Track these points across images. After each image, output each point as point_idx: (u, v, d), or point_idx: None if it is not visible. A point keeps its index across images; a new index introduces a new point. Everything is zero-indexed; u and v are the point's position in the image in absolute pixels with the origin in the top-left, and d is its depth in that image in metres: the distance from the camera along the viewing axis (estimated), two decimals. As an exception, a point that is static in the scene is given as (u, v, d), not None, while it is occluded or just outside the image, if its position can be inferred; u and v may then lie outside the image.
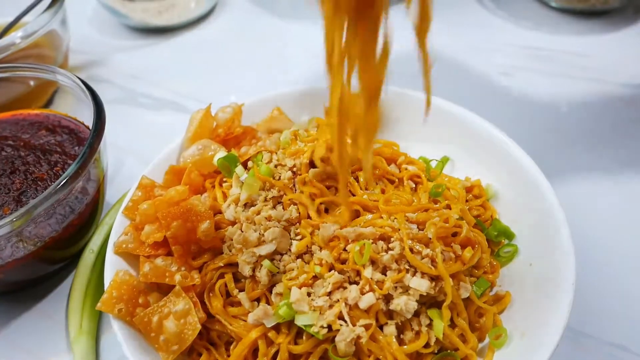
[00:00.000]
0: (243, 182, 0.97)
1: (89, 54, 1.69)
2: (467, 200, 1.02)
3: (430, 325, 0.84)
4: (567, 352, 0.95)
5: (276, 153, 1.02)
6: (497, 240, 1.00)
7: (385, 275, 0.83)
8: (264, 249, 0.87)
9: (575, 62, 1.52)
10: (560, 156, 1.25)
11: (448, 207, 0.95)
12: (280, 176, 0.97)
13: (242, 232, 0.89)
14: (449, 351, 0.86)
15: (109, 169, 1.18)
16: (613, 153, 1.27)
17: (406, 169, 1.05)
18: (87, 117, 1.13)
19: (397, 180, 1.03)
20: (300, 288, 0.83)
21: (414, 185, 1.02)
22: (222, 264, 0.90)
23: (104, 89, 1.52)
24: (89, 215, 1.05)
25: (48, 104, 1.37)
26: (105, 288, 0.89)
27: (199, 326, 0.85)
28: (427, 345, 0.83)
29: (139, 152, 1.35)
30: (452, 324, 0.86)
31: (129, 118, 1.48)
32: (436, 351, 0.85)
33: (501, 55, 1.57)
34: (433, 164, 1.09)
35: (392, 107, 1.18)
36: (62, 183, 0.91)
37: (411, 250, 0.83)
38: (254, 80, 1.56)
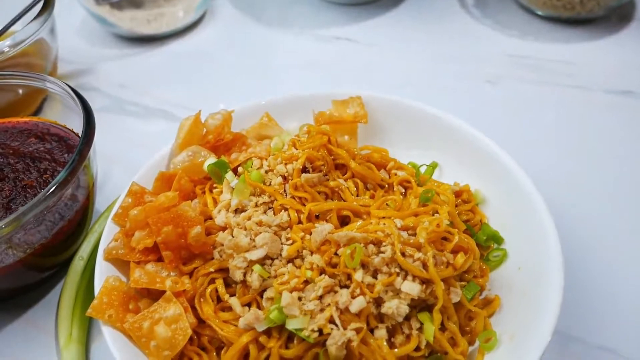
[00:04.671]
0: (233, 188, 0.97)
1: (77, 63, 1.69)
2: (456, 205, 1.03)
3: (420, 329, 0.84)
4: (556, 356, 0.96)
5: (266, 159, 1.02)
6: (487, 245, 1.01)
7: (376, 278, 0.83)
8: (255, 254, 0.87)
9: (560, 70, 1.54)
10: (546, 162, 1.26)
11: (436, 211, 0.96)
12: (270, 182, 0.97)
13: (233, 237, 0.89)
14: (439, 355, 0.86)
15: (98, 177, 1.18)
16: (599, 159, 1.29)
17: (396, 174, 1.05)
18: (76, 125, 1.13)
19: (387, 185, 1.03)
20: (291, 292, 0.83)
21: (403, 191, 1.03)
22: (212, 269, 0.90)
23: (92, 98, 1.51)
24: (79, 222, 1.05)
25: (37, 112, 1.36)
26: (95, 294, 0.89)
27: (189, 331, 0.85)
28: (417, 349, 0.84)
29: (127, 161, 1.34)
30: (443, 328, 0.87)
31: (118, 127, 1.48)
32: (427, 354, 0.86)
33: (487, 64, 1.58)
34: (422, 169, 1.10)
35: (381, 115, 1.19)
36: (51, 190, 0.91)
37: (403, 254, 0.84)
38: (243, 89, 1.56)
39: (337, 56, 1.67)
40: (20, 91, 1.26)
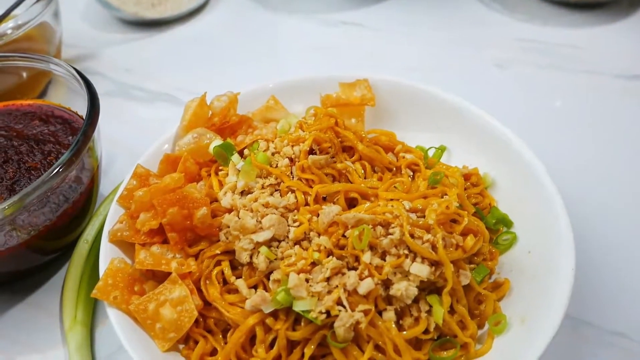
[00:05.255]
0: (239, 170, 0.96)
1: (81, 48, 1.67)
2: (465, 189, 1.01)
3: (429, 312, 0.83)
4: (567, 341, 0.94)
5: (273, 141, 1.01)
6: (496, 228, 1.00)
7: (385, 260, 0.82)
8: (262, 236, 0.86)
9: (569, 54, 1.52)
10: (554, 147, 1.25)
11: (445, 194, 0.94)
12: (277, 164, 0.96)
13: (239, 218, 0.88)
14: (448, 337, 0.85)
15: (103, 162, 1.17)
16: (607, 143, 1.27)
17: (404, 157, 1.04)
18: (81, 108, 1.12)
19: (394, 168, 1.02)
20: (298, 274, 0.81)
21: (411, 174, 1.02)
22: (219, 252, 0.89)
23: (96, 83, 1.46)
24: (83, 204, 1.04)
25: (42, 95, 1.35)
26: (100, 276, 0.88)
27: (195, 313, 0.84)
28: (426, 332, 0.83)
29: (132, 145, 1.33)
30: (452, 311, 0.86)
31: (122, 111, 1.47)
32: (435, 337, 0.85)
33: (495, 48, 1.56)
34: (430, 152, 1.09)
35: (388, 98, 1.18)
36: (55, 171, 0.90)
37: (411, 235, 0.83)
38: (248, 74, 1.54)
39: (343, 41, 1.65)
40: (25, 74, 1.25)
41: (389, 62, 1.56)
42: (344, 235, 0.85)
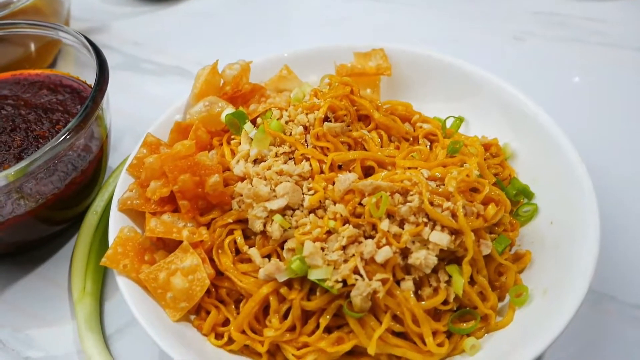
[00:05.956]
0: (252, 139, 0.93)
1: (90, 21, 1.65)
2: (484, 159, 0.98)
3: (449, 282, 0.80)
4: (590, 315, 0.92)
5: (286, 110, 0.98)
6: (516, 200, 0.97)
7: (403, 229, 0.79)
8: (276, 204, 0.83)
9: (590, 28, 1.48)
10: (574, 120, 1.20)
11: (465, 163, 0.91)
12: (291, 132, 0.93)
13: (253, 186, 0.85)
14: (468, 309, 0.82)
15: (112, 135, 1.14)
16: (629, 116, 1.24)
17: (421, 127, 1.01)
18: (90, 79, 1.10)
19: (411, 138, 0.99)
20: (313, 242, 0.79)
21: (429, 144, 0.98)
22: (231, 220, 0.87)
23: (106, 56, 1.47)
24: (92, 174, 1.02)
25: (50, 67, 1.33)
26: (109, 244, 0.85)
27: (207, 282, 0.82)
28: (445, 302, 0.80)
29: (143, 118, 1.29)
30: (472, 282, 0.83)
31: (133, 84, 1.45)
32: (455, 309, 0.82)
33: (513, 20, 1.52)
34: (449, 123, 1.05)
35: (404, 68, 1.15)
36: (62, 137, 0.87)
37: (431, 203, 0.80)
38: (260, 47, 1.51)
39: (357, 13, 1.62)
40: (33, 45, 1.23)
41: (404, 35, 1.52)
42: (360, 204, 0.82)
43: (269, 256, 0.85)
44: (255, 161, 0.92)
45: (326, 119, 0.93)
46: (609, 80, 1.33)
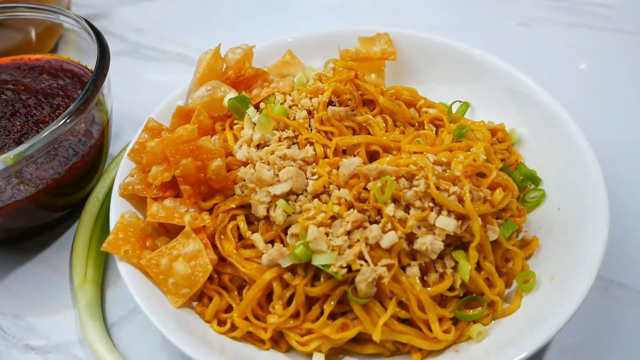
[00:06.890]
0: (255, 124, 0.91)
1: (91, 7, 1.63)
2: (491, 144, 0.97)
3: (455, 268, 0.79)
4: (598, 301, 0.90)
5: (290, 94, 0.96)
6: (523, 185, 0.95)
7: (408, 214, 0.78)
8: (279, 188, 0.82)
9: (597, 13, 1.46)
10: (581, 107, 1.18)
11: (471, 147, 0.90)
12: (295, 116, 0.91)
13: (256, 171, 0.84)
14: (474, 295, 0.81)
15: (114, 123, 1.13)
16: (636, 102, 1.22)
17: (426, 112, 0.99)
18: (90, 64, 1.08)
19: (417, 123, 0.97)
20: (318, 227, 0.77)
21: (434, 129, 0.97)
22: (234, 205, 0.85)
23: (108, 42, 1.47)
24: (93, 159, 1.00)
25: (52, 52, 1.31)
26: (110, 230, 0.84)
27: (210, 267, 0.81)
28: (451, 289, 0.79)
29: (144, 105, 1.27)
30: (479, 268, 0.81)
31: (135, 71, 1.43)
32: (461, 295, 0.80)
33: (520, 6, 1.51)
34: (454, 108, 1.04)
35: (409, 53, 1.13)
36: (62, 121, 0.86)
37: (437, 187, 0.78)
38: (263, 34, 1.48)
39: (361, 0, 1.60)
40: (33, 30, 1.21)
41: (410, 21, 1.51)
42: (365, 188, 0.81)
43: (272, 242, 0.83)
44: (259, 146, 0.90)
45: (330, 103, 0.92)
46: (615, 65, 1.32)
